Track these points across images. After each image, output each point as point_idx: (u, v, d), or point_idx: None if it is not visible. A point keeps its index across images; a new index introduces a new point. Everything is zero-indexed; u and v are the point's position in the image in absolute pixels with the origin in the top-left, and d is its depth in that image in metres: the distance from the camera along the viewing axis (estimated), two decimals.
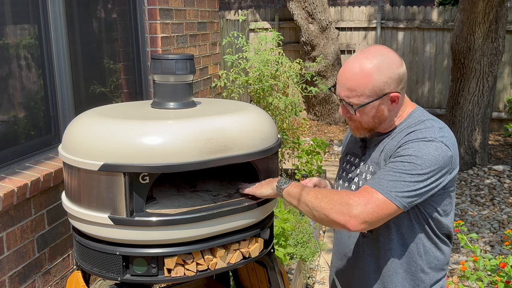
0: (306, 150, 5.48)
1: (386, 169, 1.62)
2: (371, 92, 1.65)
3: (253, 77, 5.19)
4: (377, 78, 1.64)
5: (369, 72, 1.64)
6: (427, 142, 1.61)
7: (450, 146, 1.64)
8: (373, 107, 1.68)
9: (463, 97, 6.35)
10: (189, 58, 2.01)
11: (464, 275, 2.98)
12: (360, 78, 1.65)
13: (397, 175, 1.58)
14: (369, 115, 1.69)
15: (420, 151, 1.60)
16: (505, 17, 6.14)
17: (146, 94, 3.74)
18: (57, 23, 2.76)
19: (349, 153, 1.92)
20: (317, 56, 7.85)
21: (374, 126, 1.73)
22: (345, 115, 1.74)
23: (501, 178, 6.08)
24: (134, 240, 1.79)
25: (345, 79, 1.69)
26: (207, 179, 2.21)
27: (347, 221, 1.56)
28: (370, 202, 1.56)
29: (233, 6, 11.44)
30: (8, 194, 2.16)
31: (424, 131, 1.66)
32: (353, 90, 1.66)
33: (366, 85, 1.64)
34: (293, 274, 3.46)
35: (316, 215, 1.64)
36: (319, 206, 1.62)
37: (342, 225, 1.57)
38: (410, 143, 1.63)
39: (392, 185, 1.58)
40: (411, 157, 1.59)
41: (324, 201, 1.61)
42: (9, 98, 2.55)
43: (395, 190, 1.57)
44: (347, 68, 1.69)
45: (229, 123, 1.86)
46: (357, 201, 1.57)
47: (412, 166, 1.58)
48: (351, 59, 1.71)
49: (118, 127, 1.79)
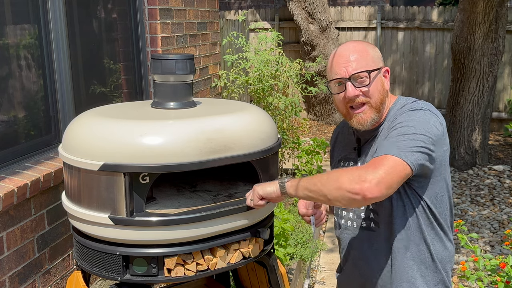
0: (306, 150, 5.48)
1: (382, 141, 1.67)
2: (372, 62, 1.74)
3: (253, 77, 5.19)
4: (372, 52, 1.76)
5: (364, 47, 1.77)
6: (414, 111, 1.69)
7: (438, 114, 1.71)
8: (377, 79, 1.74)
9: (463, 97, 6.35)
10: (189, 58, 2.01)
11: (464, 275, 2.98)
12: (360, 51, 1.74)
13: (394, 139, 1.61)
14: (377, 87, 1.73)
15: (410, 117, 1.66)
16: (505, 17, 6.13)
17: (146, 94, 3.74)
18: (57, 23, 2.76)
19: (342, 159, 1.91)
20: (317, 56, 7.85)
21: (381, 103, 1.75)
22: (355, 94, 1.71)
23: (501, 178, 6.08)
24: (134, 240, 1.79)
25: (347, 56, 1.73)
26: (207, 179, 2.21)
27: (363, 187, 1.50)
28: (379, 165, 1.54)
29: (233, 6, 11.44)
30: (8, 194, 2.16)
31: (410, 105, 1.73)
32: (360, 60, 1.72)
33: (367, 55, 1.74)
34: (293, 274, 3.45)
35: (327, 194, 1.58)
36: (330, 183, 1.58)
37: (358, 193, 1.51)
38: (399, 116, 1.70)
39: (394, 145, 1.59)
40: (403, 123, 1.65)
41: (333, 178, 1.58)
42: (9, 98, 2.55)
43: (398, 148, 1.57)
44: (343, 50, 1.76)
45: (229, 123, 1.86)
46: (367, 169, 1.54)
47: (406, 129, 1.62)
48: (340, 47, 1.79)
49: (118, 127, 1.79)
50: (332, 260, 4.07)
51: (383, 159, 1.55)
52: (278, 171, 2.10)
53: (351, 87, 1.71)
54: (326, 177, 1.61)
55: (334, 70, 1.75)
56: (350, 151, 1.87)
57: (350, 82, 1.71)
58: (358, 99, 1.72)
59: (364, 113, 1.73)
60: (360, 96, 1.72)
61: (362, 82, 1.71)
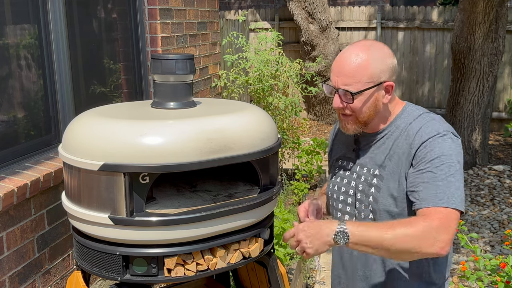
0: (306, 150, 5.48)
1: (428, 180, 1.62)
2: (368, 78, 1.66)
3: (253, 77, 5.19)
4: (374, 66, 1.67)
5: (366, 59, 1.67)
6: (443, 137, 1.65)
7: (457, 134, 1.70)
8: (370, 95, 1.68)
9: (463, 97, 6.35)
10: (189, 58, 2.01)
11: (464, 275, 2.98)
12: (358, 65, 1.66)
13: (445, 182, 1.61)
14: (366, 104, 1.69)
15: (444, 148, 1.63)
16: (505, 17, 6.13)
17: (146, 94, 3.74)
18: (57, 23, 2.76)
19: (341, 158, 1.89)
20: (317, 56, 7.85)
21: (369, 119, 1.72)
22: (339, 107, 1.70)
23: (501, 178, 6.08)
24: (134, 240, 1.79)
25: (342, 67, 1.68)
26: (207, 179, 2.21)
27: (441, 251, 1.56)
28: (447, 222, 1.58)
29: (233, 6, 11.43)
30: (8, 194, 2.16)
31: (429, 126, 1.68)
32: (351, 76, 1.66)
33: (364, 71, 1.66)
34: (293, 274, 3.45)
35: (400, 256, 1.61)
36: (406, 247, 1.56)
37: (435, 254, 1.58)
38: (429, 143, 1.64)
39: (450, 194, 1.60)
40: (442, 158, 1.62)
41: (409, 241, 1.56)
42: (9, 98, 2.55)
43: (454, 197, 1.60)
44: (344, 57, 1.70)
45: (229, 123, 1.86)
46: (440, 228, 1.57)
47: (448, 167, 1.62)
48: (346, 50, 1.72)
49: (118, 127, 1.79)
50: None
51: (448, 214, 1.57)
52: (278, 171, 2.10)
53: (337, 98, 1.70)
54: (394, 237, 1.55)
55: (331, 74, 1.73)
56: (349, 151, 1.86)
57: (338, 94, 1.70)
58: (345, 111, 1.71)
59: (347, 123, 1.73)
60: (346, 109, 1.70)
61: (348, 100, 1.68)
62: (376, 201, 1.72)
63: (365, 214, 1.76)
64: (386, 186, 1.70)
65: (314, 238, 1.58)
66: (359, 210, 1.78)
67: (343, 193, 1.83)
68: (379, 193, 1.71)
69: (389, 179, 1.70)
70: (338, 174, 1.87)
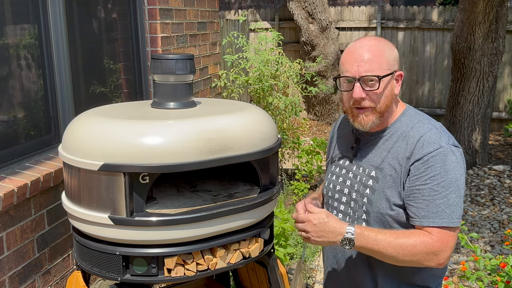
0: (306, 150, 5.48)
1: (428, 198, 1.64)
2: (387, 65, 1.68)
3: (253, 77, 5.19)
4: (388, 54, 1.70)
5: (381, 48, 1.70)
6: (445, 152, 1.65)
7: (457, 144, 1.71)
8: (388, 83, 1.69)
9: (463, 97, 6.35)
10: (189, 58, 2.01)
11: (464, 275, 2.98)
12: (376, 52, 1.68)
13: (445, 200, 1.63)
14: (385, 91, 1.68)
15: (445, 164, 1.64)
16: (505, 17, 6.13)
17: (146, 94, 3.74)
18: (57, 23, 2.76)
19: (338, 156, 1.89)
20: (317, 56, 7.85)
21: (385, 109, 1.70)
22: (361, 96, 1.67)
23: (501, 178, 6.08)
24: (134, 240, 1.79)
25: (360, 55, 1.67)
26: (207, 179, 2.21)
27: (438, 265, 1.65)
28: (449, 239, 1.64)
29: (233, 6, 11.43)
30: (8, 194, 2.16)
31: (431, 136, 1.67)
32: (373, 62, 1.66)
33: (383, 58, 1.68)
34: (293, 274, 3.45)
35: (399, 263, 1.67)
36: (406, 260, 1.64)
37: (434, 267, 1.67)
38: (431, 157, 1.64)
39: (450, 212, 1.63)
40: (442, 175, 1.63)
41: (409, 255, 1.63)
42: (9, 98, 2.55)
43: (453, 215, 1.64)
44: (358, 47, 1.69)
45: (229, 123, 1.86)
46: (440, 247, 1.63)
47: (449, 183, 1.63)
48: (356, 43, 1.72)
49: (118, 127, 1.79)
50: None
51: (448, 232, 1.63)
52: (278, 171, 2.10)
53: (359, 88, 1.66)
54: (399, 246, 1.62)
55: (345, 66, 1.69)
56: (347, 149, 1.85)
57: (359, 83, 1.66)
58: (363, 103, 1.68)
59: (366, 115, 1.69)
60: (366, 100, 1.67)
61: (372, 86, 1.66)
62: (371, 202, 1.71)
63: (359, 214, 1.76)
64: (381, 189, 1.70)
65: (321, 234, 1.65)
66: (354, 210, 1.78)
67: (338, 191, 1.83)
68: (373, 195, 1.71)
69: (384, 182, 1.69)
70: (335, 172, 1.88)
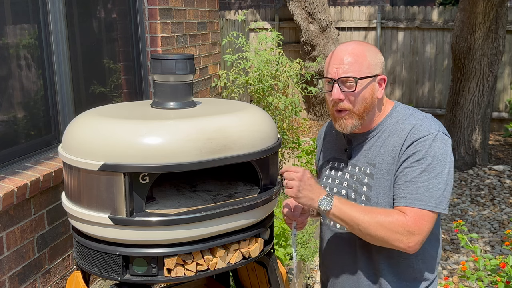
0: (306, 150, 5.48)
1: (411, 180, 1.66)
2: (367, 68, 1.73)
3: (253, 77, 5.19)
4: (370, 58, 1.74)
5: (363, 51, 1.74)
6: (433, 138, 1.67)
7: (447, 133, 1.74)
8: (368, 86, 1.73)
9: (463, 97, 6.35)
10: (189, 58, 2.00)
11: (464, 275, 2.98)
12: (357, 55, 1.73)
13: (426, 183, 1.64)
14: (364, 94, 1.73)
15: (431, 149, 1.66)
16: (505, 17, 6.13)
17: (146, 94, 3.74)
18: (57, 23, 2.76)
19: (331, 159, 1.92)
20: (317, 56, 7.84)
21: (364, 112, 1.74)
22: (339, 98, 1.72)
23: (501, 178, 6.08)
24: (134, 240, 1.79)
25: (341, 58, 1.73)
26: (207, 179, 2.21)
27: (407, 247, 1.65)
28: (422, 223, 1.63)
29: (233, 6, 11.43)
30: (8, 194, 2.16)
31: (422, 124, 1.71)
32: (352, 64, 1.71)
33: (363, 61, 1.73)
34: (293, 274, 3.45)
35: (370, 239, 1.68)
36: (376, 234, 1.65)
37: (402, 249, 1.66)
38: (419, 142, 1.67)
39: (429, 195, 1.64)
40: (427, 159, 1.65)
41: (380, 230, 1.63)
42: (9, 98, 2.55)
43: (432, 199, 1.64)
44: (341, 51, 1.75)
45: (229, 123, 1.86)
46: (412, 228, 1.63)
47: (432, 168, 1.65)
48: (340, 47, 1.78)
49: (118, 127, 1.79)
50: None
51: (424, 214, 1.63)
52: (278, 171, 2.10)
53: (337, 89, 1.72)
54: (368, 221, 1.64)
55: (327, 68, 1.77)
56: (340, 152, 1.88)
57: (337, 85, 1.72)
58: (341, 104, 1.74)
59: (345, 119, 1.75)
60: (345, 102, 1.73)
61: (349, 87, 1.72)
62: (369, 199, 1.74)
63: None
64: (378, 185, 1.72)
65: (305, 190, 1.69)
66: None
67: (336, 193, 1.84)
68: (371, 191, 1.74)
69: (380, 177, 1.72)
70: (330, 175, 1.90)
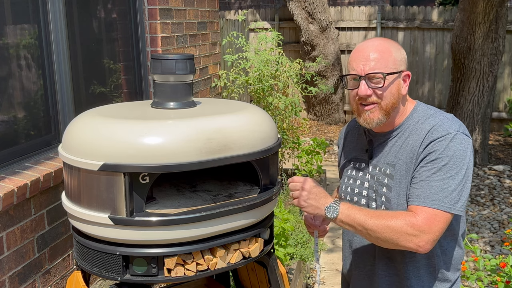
0: (306, 150, 5.48)
1: (426, 179, 1.64)
2: (393, 64, 1.71)
3: (253, 77, 5.18)
4: (396, 53, 1.73)
5: (388, 48, 1.73)
6: (451, 138, 1.65)
7: (468, 134, 1.71)
8: (394, 82, 1.71)
9: (463, 97, 6.35)
10: (189, 58, 2.00)
11: (464, 275, 2.98)
12: (383, 51, 1.71)
13: (440, 183, 1.61)
14: (391, 89, 1.71)
15: (449, 149, 1.64)
16: (505, 17, 6.13)
17: (146, 94, 3.74)
18: (57, 23, 2.76)
19: (352, 159, 1.90)
20: (317, 56, 7.84)
21: (392, 107, 1.72)
22: (367, 93, 1.70)
23: (501, 178, 6.08)
24: (134, 240, 1.79)
25: (367, 54, 1.71)
26: (207, 179, 2.21)
27: (417, 247, 1.61)
28: (434, 223, 1.60)
29: (233, 6, 11.43)
30: (8, 194, 2.16)
31: (441, 125, 1.69)
32: (379, 60, 1.69)
33: (389, 57, 1.71)
34: (293, 274, 3.45)
35: (380, 242, 1.66)
36: (385, 236, 1.62)
37: (412, 249, 1.63)
38: (437, 142, 1.65)
39: (443, 196, 1.61)
40: (444, 159, 1.63)
41: (388, 232, 1.61)
42: (9, 98, 2.55)
43: (446, 199, 1.61)
44: (365, 47, 1.73)
45: (229, 123, 1.86)
46: (422, 227, 1.60)
47: (448, 168, 1.62)
48: (364, 43, 1.76)
49: (118, 127, 1.79)
50: (332, 260, 4.07)
51: (436, 214, 1.60)
52: (278, 171, 2.10)
53: (364, 86, 1.70)
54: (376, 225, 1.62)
55: (352, 65, 1.74)
56: (361, 152, 1.86)
57: (364, 81, 1.69)
58: (369, 99, 1.71)
59: (371, 112, 1.72)
60: (372, 96, 1.70)
61: (377, 83, 1.69)
62: (389, 200, 1.73)
63: None
64: (397, 186, 1.71)
65: (310, 199, 1.71)
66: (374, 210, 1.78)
67: (356, 194, 1.84)
68: (391, 192, 1.72)
69: (399, 178, 1.71)
70: (351, 175, 1.88)
